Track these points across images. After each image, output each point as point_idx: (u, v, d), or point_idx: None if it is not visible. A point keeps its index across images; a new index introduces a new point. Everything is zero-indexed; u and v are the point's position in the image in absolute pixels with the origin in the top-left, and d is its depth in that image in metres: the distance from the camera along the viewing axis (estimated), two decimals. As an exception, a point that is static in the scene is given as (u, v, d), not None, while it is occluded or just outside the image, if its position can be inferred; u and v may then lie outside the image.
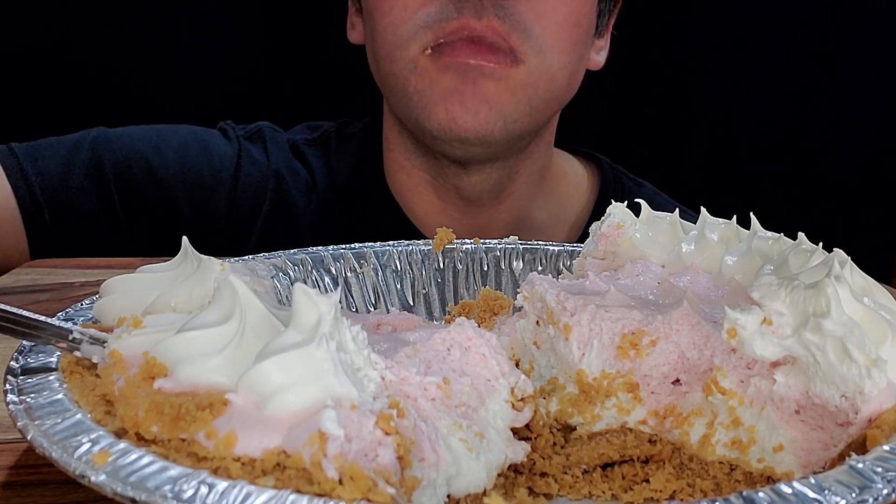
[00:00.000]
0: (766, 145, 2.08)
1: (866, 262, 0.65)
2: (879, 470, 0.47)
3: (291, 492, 0.44)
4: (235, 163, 1.36)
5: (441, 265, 0.98)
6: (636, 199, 0.84)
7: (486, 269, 0.99)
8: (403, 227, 1.39)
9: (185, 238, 0.69)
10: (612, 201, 0.83)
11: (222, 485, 0.44)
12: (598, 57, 1.41)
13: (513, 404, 0.59)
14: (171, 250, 1.13)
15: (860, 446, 0.53)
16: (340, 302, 0.57)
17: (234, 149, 1.38)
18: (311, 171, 1.43)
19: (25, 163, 1.22)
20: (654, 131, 2.07)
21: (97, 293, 0.68)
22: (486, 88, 1.19)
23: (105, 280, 0.66)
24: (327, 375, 0.50)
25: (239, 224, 1.31)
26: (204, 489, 0.44)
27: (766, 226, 0.77)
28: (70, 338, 0.60)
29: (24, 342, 0.60)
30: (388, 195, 1.42)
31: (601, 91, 1.51)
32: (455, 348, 0.58)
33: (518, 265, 0.99)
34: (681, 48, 2.05)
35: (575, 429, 0.67)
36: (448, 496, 0.56)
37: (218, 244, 0.80)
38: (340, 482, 0.45)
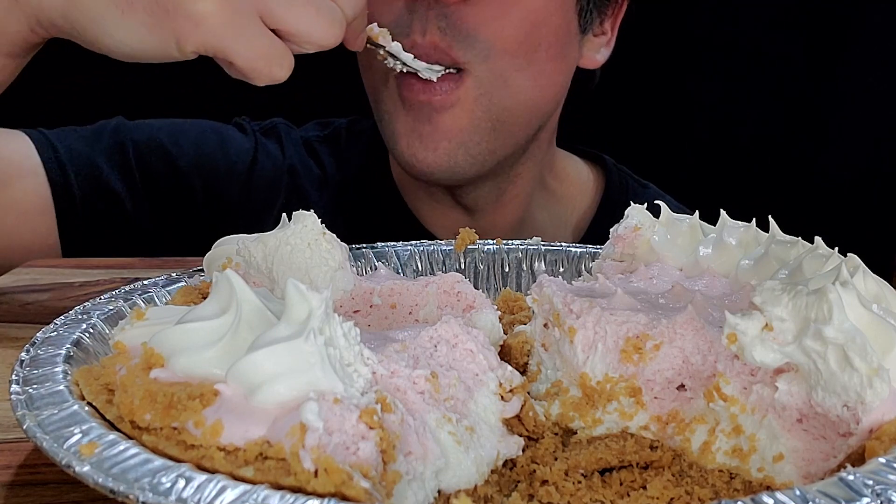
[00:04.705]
0: (767, 145, 2.06)
1: (866, 262, 0.63)
2: (870, 482, 0.45)
3: (265, 488, 0.45)
4: (252, 156, 1.39)
5: (462, 265, 0.98)
6: (638, 201, 0.83)
7: (507, 270, 0.98)
8: (411, 225, 1.40)
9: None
10: (616, 202, 0.82)
11: (199, 478, 0.46)
12: (598, 56, 1.35)
13: (501, 396, 0.59)
14: (185, 239, 1.15)
15: (859, 458, 0.51)
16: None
17: (250, 142, 1.41)
18: (323, 167, 1.45)
19: (55, 140, 1.26)
20: (657, 132, 2.06)
21: (97, 293, 0.70)
22: (442, 123, 1.18)
23: (105, 280, 0.68)
24: (313, 369, 0.51)
25: (252, 217, 1.34)
26: (181, 482, 0.45)
27: (766, 227, 0.75)
28: None
29: (38, 335, 0.63)
30: (396, 193, 1.43)
31: (604, 92, 1.49)
32: (442, 344, 0.58)
33: (540, 266, 0.98)
34: (683, 49, 2.03)
35: (576, 433, 0.66)
36: (439, 492, 0.56)
37: (232, 234, 0.82)
38: (316, 474, 0.46)
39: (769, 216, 0.76)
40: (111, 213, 1.29)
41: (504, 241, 1.00)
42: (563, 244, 1.01)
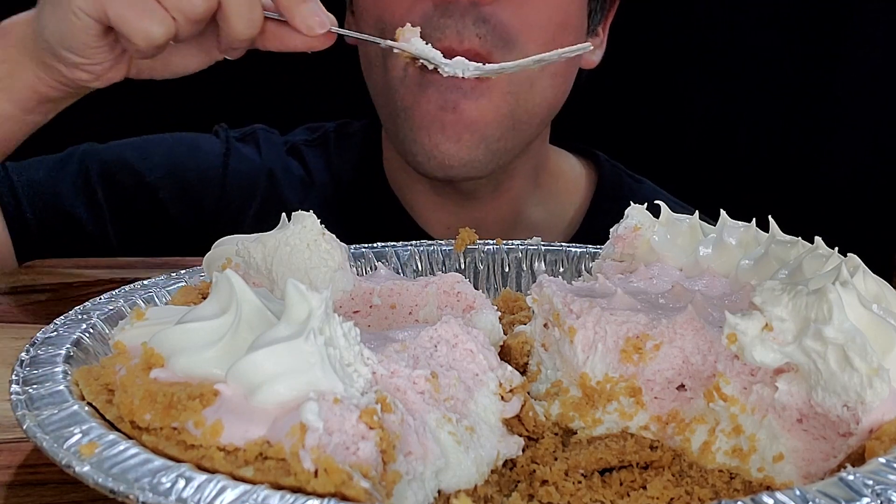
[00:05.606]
0: (765, 143, 2.06)
1: (866, 262, 0.63)
2: (870, 482, 0.45)
3: (265, 488, 0.45)
4: (223, 161, 1.40)
5: (462, 265, 0.98)
6: (633, 196, 0.83)
7: (507, 270, 0.98)
8: (404, 223, 1.40)
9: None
10: (609, 197, 0.82)
11: (199, 478, 0.46)
12: (593, 56, 1.37)
13: (501, 396, 0.59)
14: (160, 253, 1.14)
15: (859, 458, 0.51)
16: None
17: (222, 146, 1.42)
18: (309, 170, 1.45)
19: (13, 174, 1.27)
20: (652, 129, 2.05)
21: (97, 293, 0.70)
22: (467, 112, 1.17)
23: (105, 280, 0.68)
24: (313, 369, 0.51)
25: (228, 221, 1.35)
26: (181, 482, 0.45)
27: (766, 227, 0.76)
28: None
29: (38, 335, 0.63)
30: (389, 191, 1.43)
31: (599, 89, 1.49)
32: (442, 344, 0.59)
33: (540, 266, 0.98)
34: (679, 46, 2.03)
35: (576, 433, 0.66)
36: (439, 492, 0.56)
37: (207, 242, 0.82)
38: (316, 474, 0.46)
39: (769, 216, 0.76)
40: (69, 236, 1.30)
41: (504, 241, 1.00)
42: (563, 244, 1.01)
